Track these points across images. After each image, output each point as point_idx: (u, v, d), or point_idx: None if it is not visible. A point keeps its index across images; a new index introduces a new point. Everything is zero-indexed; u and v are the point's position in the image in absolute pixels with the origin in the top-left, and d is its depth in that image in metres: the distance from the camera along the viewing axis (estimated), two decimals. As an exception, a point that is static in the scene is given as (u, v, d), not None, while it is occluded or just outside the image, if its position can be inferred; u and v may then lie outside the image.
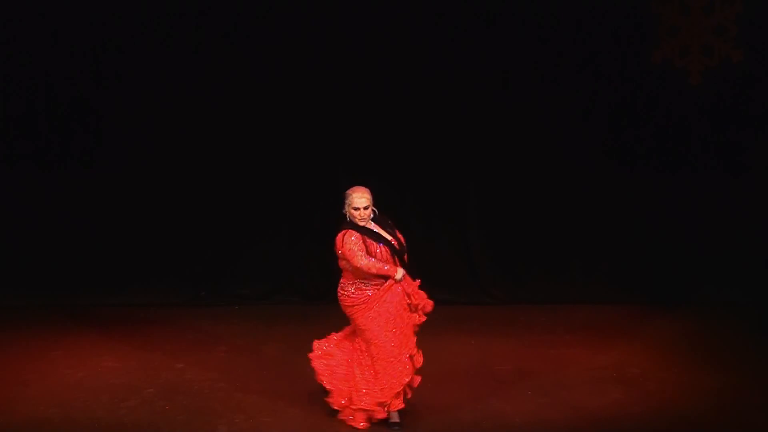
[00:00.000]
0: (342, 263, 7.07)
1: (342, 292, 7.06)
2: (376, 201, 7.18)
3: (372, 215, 7.04)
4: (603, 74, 10.30)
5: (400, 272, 6.95)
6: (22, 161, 10.35)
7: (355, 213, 6.96)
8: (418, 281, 7.13)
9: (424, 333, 9.22)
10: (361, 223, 6.98)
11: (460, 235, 10.64)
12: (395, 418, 7.05)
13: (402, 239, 7.12)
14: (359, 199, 6.97)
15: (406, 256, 7.11)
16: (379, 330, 6.93)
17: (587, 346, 8.91)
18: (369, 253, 6.93)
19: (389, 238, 7.03)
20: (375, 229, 7.04)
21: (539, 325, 9.68)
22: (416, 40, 10.23)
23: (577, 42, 10.23)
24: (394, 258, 6.99)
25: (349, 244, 6.91)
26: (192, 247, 10.44)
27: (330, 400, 7.15)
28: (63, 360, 8.48)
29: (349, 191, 7.03)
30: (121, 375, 8.10)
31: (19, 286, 10.25)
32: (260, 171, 10.38)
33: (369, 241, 6.95)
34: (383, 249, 6.98)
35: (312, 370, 7.24)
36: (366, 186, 7.12)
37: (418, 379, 7.12)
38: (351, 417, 7.06)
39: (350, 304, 7.00)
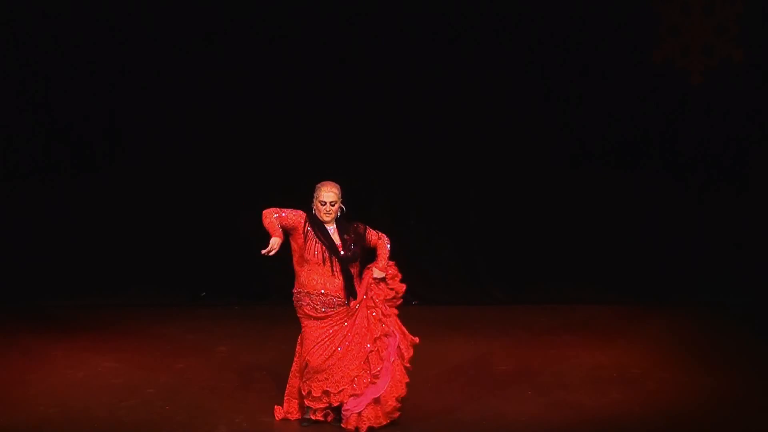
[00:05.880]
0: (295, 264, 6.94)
1: (294, 297, 6.98)
2: (378, 201, 7.17)
3: (339, 214, 6.86)
4: (603, 74, 10.30)
5: (273, 242, 6.72)
6: (23, 163, 10.36)
7: (321, 207, 6.81)
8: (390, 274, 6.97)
9: (424, 333, 9.27)
10: (326, 218, 6.81)
11: (460, 236, 10.64)
12: (305, 414, 7.04)
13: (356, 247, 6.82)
14: (327, 194, 6.80)
15: (355, 267, 6.86)
16: (307, 342, 6.89)
17: (587, 346, 8.91)
18: (305, 245, 6.76)
19: (337, 242, 6.81)
20: (330, 229, 6.86)
21: (539, 325, 9.68)
22: (416, 43, 10.26)
23: (577, 42, 10.24)
24: (331, 260, 6.76)
25: (286, 210, 6.78)
26: (192, 247, 10.45)
27: None
28: (63, 360, 8.47)
29: (319, 185, 6.87)
30: (121, 375, 8.09)
31: (19, 286, 10.25)
32: (260, 171, 10.39)
33: (311, 232, 6.78)
34: (320, 248, 6.79)
35: None
36: (337, 182, 6.91)
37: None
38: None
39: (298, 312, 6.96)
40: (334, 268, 6.80)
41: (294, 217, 6.82)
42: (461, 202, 10.56)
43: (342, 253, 6.81)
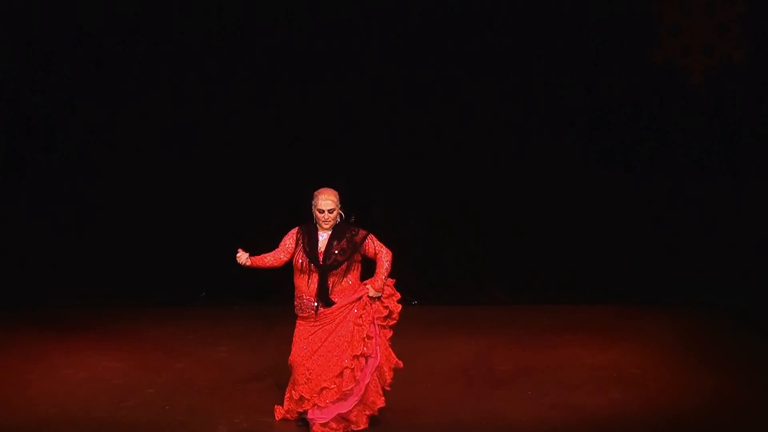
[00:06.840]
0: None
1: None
2: (378, 201, 7.14)
3: (337, 220, 6.78)
4: (604, 74, 10.30)
5: (241, 257, 6.90)
6: (22, 163, 10.35)
7: (319, 216, 6.73)
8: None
9: (424, 333, 9.30)
10: (325, 226, 6.76)
11: (460, 236, 10.63)
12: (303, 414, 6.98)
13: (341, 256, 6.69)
14: (324, 202, 6.72)
15: (337, 275, 6.73)
16: (294, 343, 6.92)
17: (587, 346, 8.91)
18: (294, 253, 6.79)
19: (319, 249, 6.74)
20: (322, 236, 6.79)
21: (539, 325, 9.68)
22: (415, 43, 10.23)
23: (577, 41, 10.23)
24: (309, 267, 6.72)
25: (280, 247, 6.87)
26: (192, 247, 10.43)
27: None
28: (63, 360, 8.47)
29: (316, 192, 6.80)
30: (121, 375, 8.09)
31: (18, 286, 10.24)
32: (261, 172, 10.38)
33: (300, 242, 6.78)
34: (302, 255, 6.75)
35: None
36: (336, 189, 6.85)
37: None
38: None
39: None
40: (311, 276, 6.74)
41: (286, 246, 6.86)
42: (461, 202, 10.55)
43: (321, 262, 6.72)
